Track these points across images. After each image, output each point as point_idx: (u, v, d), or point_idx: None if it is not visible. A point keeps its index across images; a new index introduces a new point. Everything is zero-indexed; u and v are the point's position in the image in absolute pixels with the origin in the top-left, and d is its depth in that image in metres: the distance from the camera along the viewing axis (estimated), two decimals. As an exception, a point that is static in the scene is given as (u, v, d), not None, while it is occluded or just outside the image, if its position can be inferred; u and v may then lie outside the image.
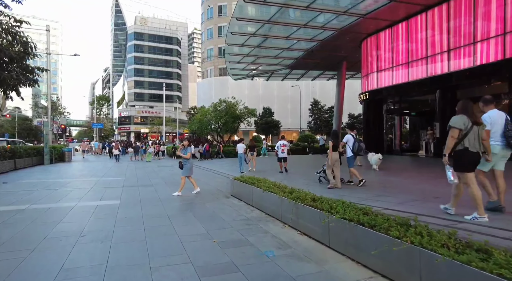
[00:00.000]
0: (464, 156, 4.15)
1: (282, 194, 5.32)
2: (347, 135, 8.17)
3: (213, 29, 58.42)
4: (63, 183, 10.10)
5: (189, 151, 8.07)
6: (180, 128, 59.34)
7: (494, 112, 4.63)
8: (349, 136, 8.09)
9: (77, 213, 5.97)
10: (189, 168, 8.08)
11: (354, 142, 7.99)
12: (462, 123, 4.11)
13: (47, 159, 19.38)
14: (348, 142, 8.05)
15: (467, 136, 4.10)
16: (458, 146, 4.16)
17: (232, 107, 31.09)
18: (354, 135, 8.15)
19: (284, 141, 12.41)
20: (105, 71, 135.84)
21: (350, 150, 7.99)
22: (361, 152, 8.14)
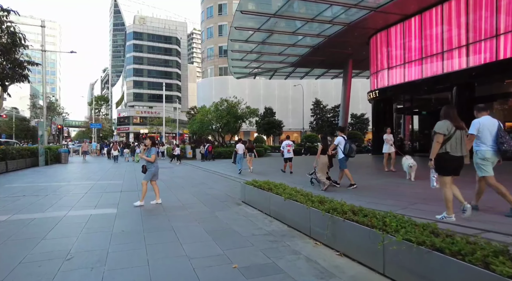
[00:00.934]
0: (445, 159, 4.33)
1: (311, 204, 4.45)
2: (338, 138, 8.22)
3: (213, 28, 57.58)
4: (55, 187, 9.20)
5: (153, 152, 6.94)
6: (180, 129, 58.50)
7: (485, 118, 4.77)
8: (340, 139, 8.13)
9: (65, 225, 5.08)
10: (154, 172, 6.93)
11: (345, 143, 7.99)
12: (446, 129, 4.26)
13: (42, 160, 18.47)
14: (339, 144, 8.09)
15: (449, 140, 4.27)
16: (440, 149, 4.32)
17: (234, 107, 30.24)
18: (345, 137, 8.17)
19: (289, 140, 12.18)
20: (104, 72, 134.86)
21: (342, 151, 8.03)
22: (352, 154, 8.06)
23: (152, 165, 6.90)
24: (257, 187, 6.27)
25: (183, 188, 9.39)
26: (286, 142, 12.00)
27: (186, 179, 12.09)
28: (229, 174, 13.03)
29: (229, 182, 10.82)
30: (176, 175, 13.70)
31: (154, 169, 6.91)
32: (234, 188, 9.31)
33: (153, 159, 6.89)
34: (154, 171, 6.93)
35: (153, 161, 6.87)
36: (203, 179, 11.85)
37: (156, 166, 6.98)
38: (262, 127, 39.81)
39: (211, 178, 12.13)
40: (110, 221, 5.32)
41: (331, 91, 54.43)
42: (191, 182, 10.91)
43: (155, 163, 6.94)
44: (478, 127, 4.70)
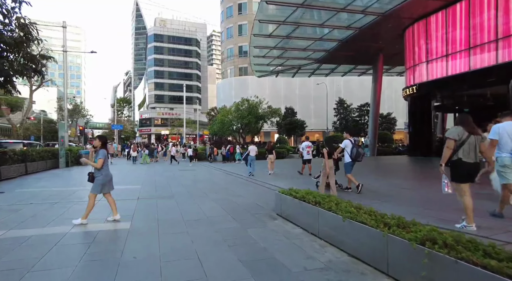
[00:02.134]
0: (459, 166, 4.22)
1: (387, 229, 3.19)
2: (345, 141, 7.81)
3: (233, 28, 56.90)
4: (67, 194, 8.39)
5: (101, 156, 5.20)
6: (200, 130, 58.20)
7: (507, 123, 4.61)
8: (347, 142, 7.73)
9: (64, 248, 4.08)
10: (103, 182, 5.27)
11: (352, 147, 7.64)
12: (457, 134, 4.20)
13: (62, 162, 18.11)
14: (346, 148, 7.72)
15: (462, 146, 4.19)
16: (453, 156, 4.25)
17: (255, 107, 29.23)
18: (352, 140, 7.78)
19: (309, 142, 11.89)
20: (126, 75, 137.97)
21: (349, 155, 7.66)
22: (360, 158, 7.71)
23: (100, 173, 5.25)
24: (299, 198, 5.05)
25: (206, 195, 8.32)
26: (305, 143, 11.64)
27: (209, 183, 11.05)
28: (257, 178, 11.89)
29: (256, 187, 9.67)
30: (198, 178, 12.72)
31: (102, 178, 5.25)
32: (263, 195, 8.14)
33: (100, 164, 5.16)
34: (103, 181, 5.27)
35: (99, 167, 5.17)
36: (226, 183, 10.77)
37: (106, 174, 5.33)
38: (284, 127, 38.50)
39: (235, 182, 11.03)
40: (120, 241, 4.28)
41: (355, 90, 52.31)
42: (214, 187, 9.85)
43: (104, 170, 5.29)
44: (497, 132, 4.58)
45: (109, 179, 5.43)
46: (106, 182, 5.33)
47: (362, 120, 39.68)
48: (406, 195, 7.50)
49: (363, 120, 39.63)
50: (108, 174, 5.38)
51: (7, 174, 11.98)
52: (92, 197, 5.25)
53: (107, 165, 5.37)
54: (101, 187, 5.29)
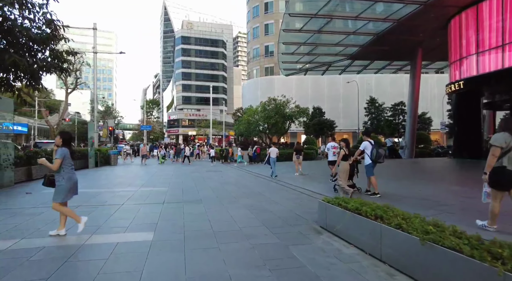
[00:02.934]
0: (501, 174, 4.09)
1: (501, 266, 2.24)
2: (364, 142, 7.59)
3: (259, 28, 56.37)
4: (91, 195, 8.01)
5: (60, 155, 4.33)
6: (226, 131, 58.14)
7: None
8: (366, 144, 7.52)
9: (76, 264, 3.47)
10: (66, 188, 4.40)
11: (372, 148, 7.40)
12: (504, 141, 4.04)
13: (92, 162, 18.24)
14: (366, 149, 7.49)
15: (508, 154, 4.04)
16: (496, 163, 4.10)
17: (282, 107, 28.36)
18: (372, 142, 7.55)
19: (335, 142, 11.42)
20: (155, 77, 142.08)
21: (369, 157, 7.42)
22: (381, 159, 7.38)
23: (61, 177, 4.36)
24: (353, 211, 4.15)
25: (236, 200, 7.60)
26: (331, 143, 11.19)
27: (238, 186, 10.35)
28: (286, 181, 11.05)
29: (290, 192, 8.81)
30: (226, 180, 12.07)
31: (65, 183, 4.36)
32: (299, 201, 7.29)
33: (56, 166, 4.27)
34: (66, 186, 4.38)
35: (55, 168, 4.30)
36: (257, 187, 10.01)
37: (69, 178, 4.42)
38: (312, 128, 37.17)
39: (266, 186, 10.23)
40: (140, 258, 3.61)
41: (387, 88, 49.91)
42: (244, 191, 9.12)
43: (66, 173, 4.40)
44: None
45: (73, 183, 4.51)
46: (70, 187, 4.44)
47: (396, 120, 37.51)
48: (468, 205, 6.33)
49: (397, 120, 37.46)
50: (71, 177, 4.47)
51: (39, 173, 11.99)
52: (56, 207, 4.43)
53: (71, 167, 4.52)
54: (65, 194, 4.42)
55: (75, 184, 4.59)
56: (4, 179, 9.28)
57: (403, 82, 50.44)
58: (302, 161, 13.59)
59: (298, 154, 13.23)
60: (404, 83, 50.22)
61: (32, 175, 11.45)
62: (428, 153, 26.87)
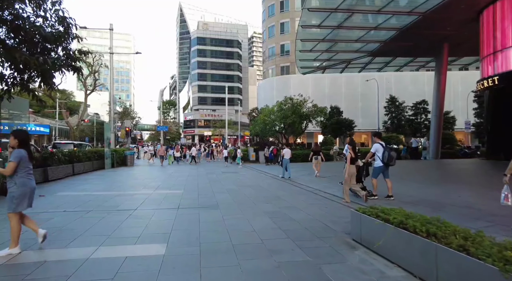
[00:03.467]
0: None
1: None
2: (375, 145, 7.49)
3: (275, 27, 55.73)
4: (104, 199, 7.67)
5: (15, 158, 3.70)
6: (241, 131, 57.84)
7: None
8: (378, 146, 7.42)
9: (79, 284, 3.03)
10: (19, 195, 3.73)
11: (383, 151, 7.29)
12: None
13: (108, 163, 18.18)
14: (377, 152, 7.37)
15: None
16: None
17: (299, 106, 27.62)
18: (383, 144, 7.47)
19: None
20: (171, 79, 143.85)
21: (380, 160, 7.30)
22: (392, 162, 7.28)
23: (13, 182, 3.74)
24: (397, 225, 3.51)
25: (255, 204, 7.06)
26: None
27: (256, 189, 9.81)
28: (304, 183, 10.42)
29: (312, 196, 8.20)
30: (243, 182, 11.56)
31: (17, 190, 3.72)
32: (324, 208, 6.68)
33: (9, 170, 3.69)
34: (18, 193, 3.72)
35: (7, 173, 3.71)
36: (276, 190, 9.44)
37: (23, 184, 3.76)
38: (330, 128, 36.17)
39: (287, 189, 9.65)
40: (150, 275, 3.13)
41: (407, 87, 48.20)
42: (263, 195, 8.57)
43: (20, 178, 3.75)
44: None
45: (28, 190, 3.83)
46: (23, 194, 3.76)
47: (418, 119, 35.99)
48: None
49: (419, 119, 35.94)
50: (26, 184, 3.79)
51: (54, 174, 11.89)
52: (12, 218, 3.76)
53: (27, 172, 3.87)
54: (17, 202, 3.72)
55: (31, 192, 3.88)
56: (19, 180, 9.13)
57: (424, 80, 48.56)
58: (321, 162, 13.04)
59: (316, 155, 12.84)
60: (426, 81, 48.35)
61: (48, 176, 11.32)
62: (454, 154, 25.47)
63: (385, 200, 7.19)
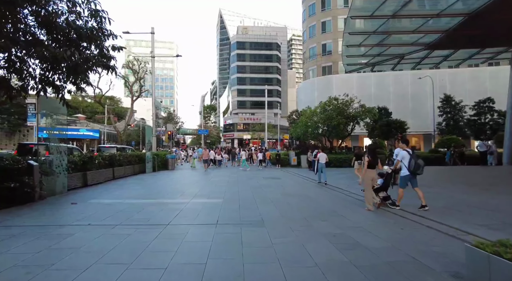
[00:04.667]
0: None
1: None
2: (402, 152, 6.95)
3: (316, 26, 53.88)
4: (136, 209, 6.88)
5: None
6: (280, 134, 56.49)
7: None
8: (404, 153, 6.84)
9: None
10: None
11: (410, 158, 6.64)
12: None
13: (149, 167, 17.99)
14: (403, 159, 6.79)
15: None
16: None
17: (345, 106, 25.65)
18: (409, 151, 6.83)
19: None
20: (212, 84, 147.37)
21: (406, 168, 6.68)
22: (419, 170, 6.58)
23: None
24: None
25: (308, 222, 5.75)
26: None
27: (304, 199, 8.48)
28: (355, 192, 8.85)
29: (375, 211, 6.68)
30: (287, 190, 10.28)
31: None
32: (399, 229, 5.16)
33: None
34: None
35: None
36: (328, 202, 8.03)
37: None
38: (379, 130, 33.39)
39: (336, 199, 8.21)
40: None
41: (464, 84, 43.45)
42: (313, 207, 7.24)
43: None
44: None
45: None
46: None
47: (482, 120, 31.90)
48: None
49: (484, 120, 31.83)
50: None
51: (94, 179, 11.64)
52: None
53: None
54: None
55: None
56: (57, 185, 8.78)
57: (485, 77, 43.44)
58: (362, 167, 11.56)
59: (359, 159, 11.87)
60: (488, 77, 43.22)
61: (87, 181, 11.05)
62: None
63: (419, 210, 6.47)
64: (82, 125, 54.77)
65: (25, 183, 7.26)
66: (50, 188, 8.45)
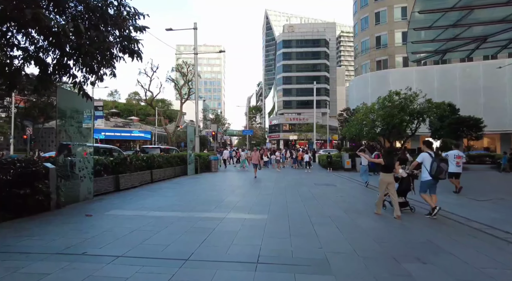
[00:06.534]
0: None
1: None
2: (422, 154, 6.49)
3: (369, 17, 49.77)
4: (157, 227, 5.34)
5: None
6: (329, 135, 53.16)
7: None
8: (425, 155, 6.36)
9: None
10: None
11: (432, 162, 6.15)
12: None
13: (191, 168, 16.93)
14: (424, 162, 6.34)
15: None
16: None
17: (410, 101, 22.28)
18: (432, 154, 6.35)
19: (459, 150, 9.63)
20: (258, 86, 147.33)
21: (428, 172, 6.21)
22: (442, 175, 6.07)
23: None
24: None
25: (397, 264, 3.64)
26: (454, 151, 9.60)
27: (378, 220, 6.23)
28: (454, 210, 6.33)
29: (476, 236, 4.28)
30: (350, 203, 8.05)
31: None
32: None
33: None
34: None
35: None
36: (418, 226, 5.69)
37: None
38: (448, 129, 28.80)
39: (434, 225, 5.81)
40: None
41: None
42: (399, 236, 5.02)
43: None
44: None
45: None
46: None
47: None
48: None
49: None
50: None
51: (127, 183, 10.62)
52: None
53: None
54: None
55: None
56: (81, 191, 7.73)
57: None
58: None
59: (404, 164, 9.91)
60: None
61: (119, 185, 10.04)
62: None
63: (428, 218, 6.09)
64: (135, 127, 57.47)
65: (38, 189, 6.18)
66: (72, 194, 7.40)
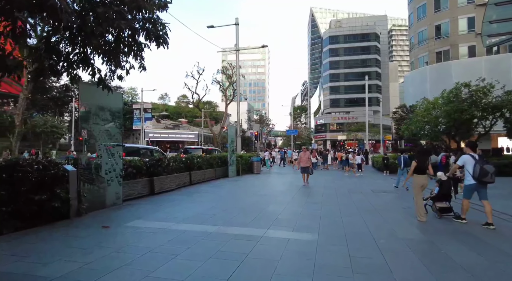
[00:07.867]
0: None
1: None
2: (464, 156, 5.84)
3: (427, 5, 44.94)
4: (177, 247, 4.27)
5: None
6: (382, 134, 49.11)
7: None
8: (467, 157, 5.71)
9: None
10: None
11: (475, 164, 5.47)
12: None
13: (232, 170, 16.02)
14: (466, 165, 5.67)
15: None
16: None
17: (483, 94, 19.01)
18: (475, 156, 5.65)
19: None
20: (303, 85, 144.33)
21: (470, 175, 5.56)
22: (487, 178, 5.33)
23: None
24: None
25: None
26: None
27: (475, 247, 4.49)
28: None
29: None
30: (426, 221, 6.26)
31: None
32: None
33: None
34: None
35: None
36: None
37: None
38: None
39: None
40: None
41: None
42: None
43: None
44: None
45: None
46: None
47: None
48: None
49: None
50: None
51: (163, 185, 9.93)
52: None
53: None
54: None
55: None
56: (108, 196, 7.06)
57: None
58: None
59: None
60: None
61: (154, 188, 9.36)
62: None
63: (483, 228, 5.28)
64: (184, 129, 59.27)
65: (56, 194, 5.53)
66: (97, 199, 6.74)
